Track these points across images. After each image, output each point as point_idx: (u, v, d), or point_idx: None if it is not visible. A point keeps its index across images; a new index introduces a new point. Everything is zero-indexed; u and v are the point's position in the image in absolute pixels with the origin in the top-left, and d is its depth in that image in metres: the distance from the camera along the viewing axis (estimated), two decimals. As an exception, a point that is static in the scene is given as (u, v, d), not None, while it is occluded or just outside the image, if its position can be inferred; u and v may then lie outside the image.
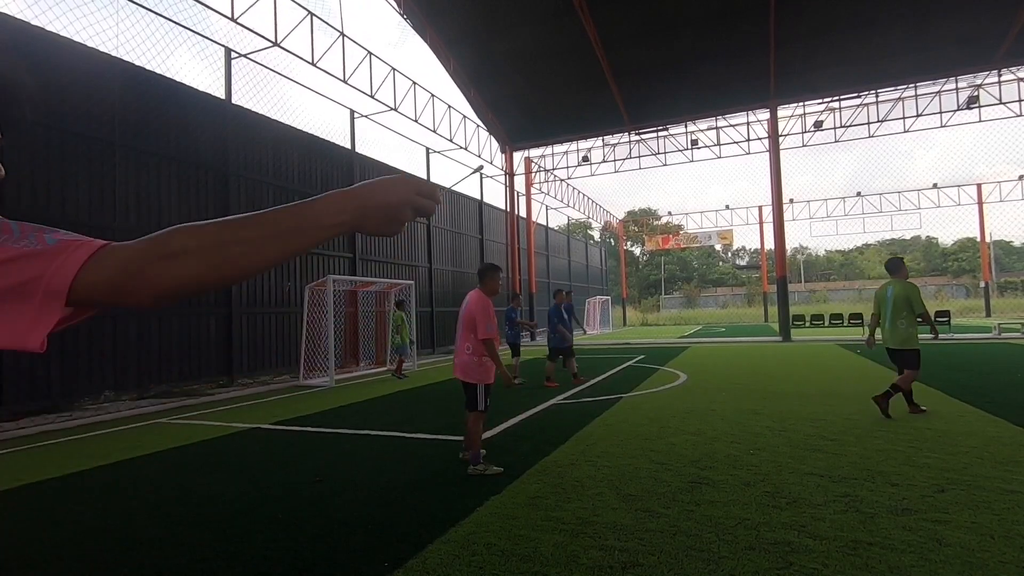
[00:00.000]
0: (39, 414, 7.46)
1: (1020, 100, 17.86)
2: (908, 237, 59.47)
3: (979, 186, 30.30)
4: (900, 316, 5.88)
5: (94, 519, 3.58)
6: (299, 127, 12.74)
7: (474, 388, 4.53)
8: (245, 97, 11.32)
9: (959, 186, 30.48)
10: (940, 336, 6.87)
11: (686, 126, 21.34)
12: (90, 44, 8.53)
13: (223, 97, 10.81)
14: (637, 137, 22.43)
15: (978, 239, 32.81)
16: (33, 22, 7.89)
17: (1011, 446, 4.59)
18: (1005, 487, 3.60)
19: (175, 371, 9.54)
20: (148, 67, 9.38)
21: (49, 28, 8.03)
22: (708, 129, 21.25)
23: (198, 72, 19.73)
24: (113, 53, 8.86)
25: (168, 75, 9.77)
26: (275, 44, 11.35)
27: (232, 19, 10.47)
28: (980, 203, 30.31)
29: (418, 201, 0.76)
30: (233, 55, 10.99)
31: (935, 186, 30.57)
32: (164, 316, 9.38)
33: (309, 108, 38.35)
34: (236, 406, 8.34)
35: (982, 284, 30.99)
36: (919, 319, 5.89)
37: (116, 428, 6.88)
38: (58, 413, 7.66)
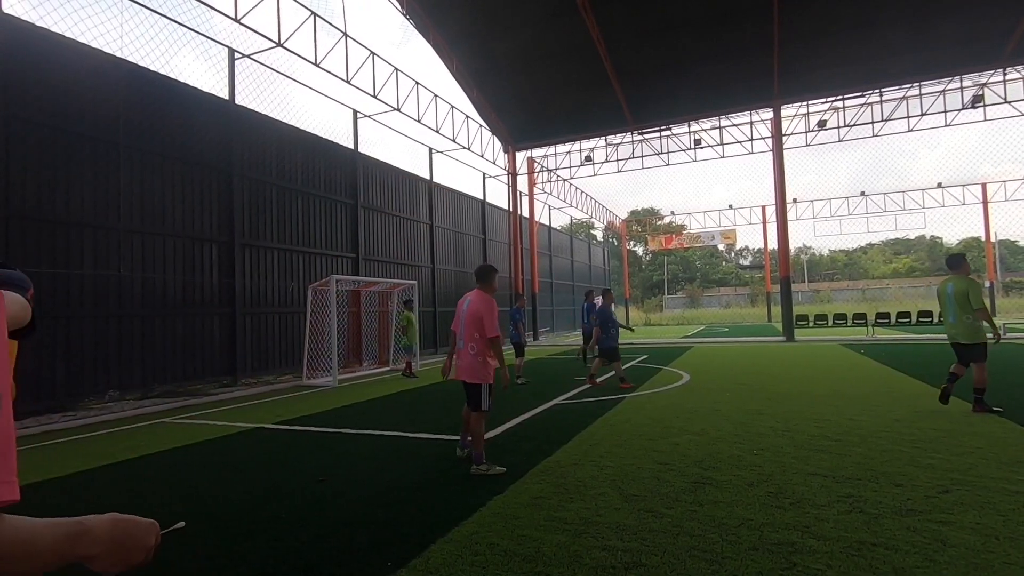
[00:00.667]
0: (44, 414, 7.49)
1: (1025, 99, 17.75)
2: (912, 237, 59.20)
3: (984, 185, 30.13)
4: (964, 311, 5.95)
5: (98, 518, 3.58)
6: (302, 127, 12.77)
7: (478, 388, 4.53)
8: (248, 97, 11.37)
9: (964, 185, 30.31)
10: (944, 336, 6.92)
11: (689, 126, 21.30)
12: (94, 45, 8.58)
13: (227, 97, 10.84)
14: (640, 137, 22.39)
15: (983, 239, 32.63)
16: (38, 23, 7.93)
17: (1016, 447, 4.57)
18: (1010, 488, 3.59)
19: (179, 371, 9.57)
20: (152, 68, 9.42)
21: (54, 29, 8.07)
22: (711, 129, 21.20)
23: (202, 73, 19.80)
24: (117, 54, 8.90)
25: (172, 76, 9.81)
26: (278, 44, 11.37)
27: (235, 20, 10.50)
28: (985, 202, 30.13)
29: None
30: (236, 55, 11.02)
31: (940, 185, 30.41)
32: (168, 316, 9.41)
33: (312, 108, 38.46)
34: (240, 406, 8.37)
35: (987, 284, 30.81)
36: (975, 313, 5.91)
37: (120, 428, 6.91)
38: (63, 413, 7.69)
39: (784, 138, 19.37)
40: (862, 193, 31.80)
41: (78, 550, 0.78)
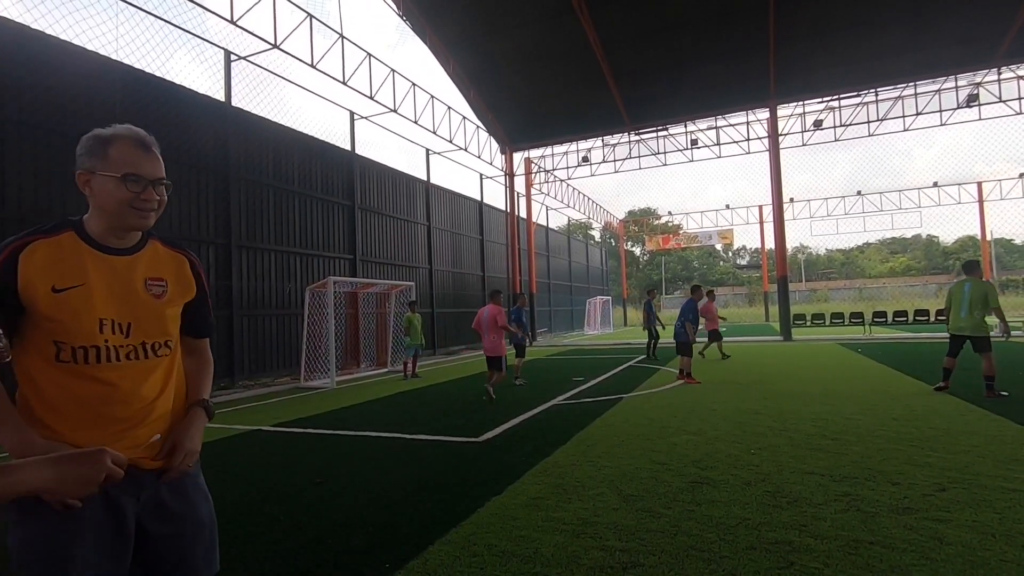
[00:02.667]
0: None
1: (1020, 98, 17.82)
2: (909, 236, 59.38)
3: (980, 184, 30.24)
4: (976, 308, 6.76)
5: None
6: (299, 129, 12.76)
7: (499, 358, 7.97)
8: (245, 99, 11.35)
9: (960, 184, 30.41)
10: (941, 335, 7.46)
11: (686, 126, 21.33)
12: (90, 47, 8.56)
13: (223, 99, 10.82)
14: (637, 137, 22.43)
15: (979, 237, 32.76)
16: (33, 26, 7.91)
17: (1012, 445, 4.58)
18: (1007, 486, 3.60)
19: (176, 373, 9.53)
20: (148, 70, 9.40)
21: (49, 32, 8.05)
22: (708, 129, 21.23)
23: (198, 75, 19.79)
24: (113, 56, 8.88)
25: (168, 78, 9.79)
26: (274, 46, 11.36)
27: (231, 21, 10.48)
28: (981, 201, 30.24)
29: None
30: (233, 57, 11.00)
31: (936, 184, 30.51)
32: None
33: (309, 110, 38.45)
34: (237, 408, 8.35)
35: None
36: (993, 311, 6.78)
37: (117, 431, 6.87)
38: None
39: (780, 138, 19.42)
40: (858, 192, 31.91)
41: (15, 488, 0.86)
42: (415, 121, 16.49)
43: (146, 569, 1.35)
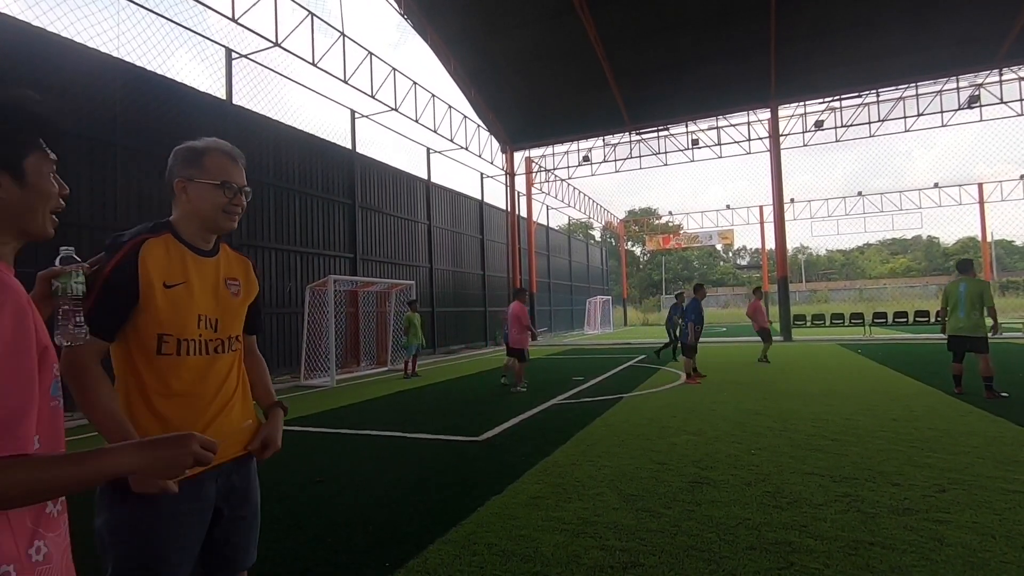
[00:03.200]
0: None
1: (1021, 99, 17.81)
2: (909, 236, 59.28)
3: (980, 185, 30.21)
4: (974, 308, 6.68)
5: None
6: (300, 127, 12.75)
7: (521, 350, 8.80)
8: (246, 98, 11.34)
9: (960, 185, 30.38)
10: (941, 336, 7.58)
11: (687, 126, 21.32)
12: (91, 45, 8.54)
13: (224, 97, 10.81)
14: (638, 137, 22.41)
15: (979, 239, 32.75)
16: (34, 23, 7.90)
17: (1012, 446, 4.58)
18: (1007, 487, 3.60)
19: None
20: (149, 68, 9.39)
21: (50, 29, 8.04)
22: (709, 129, 21.22)
23: (198, 73, 19.78)
24: (114, 54, 8.87)
25: (169, 76, 9.78)
26: (276, 44, 11.35)
27: (233, 19, 10.48)
28: (981, 202, 30.21)
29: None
30: (234, 55, 10.99)
31: (936, 185, 30.49)
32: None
33: (310, 108, 38.45)
34: (237, 406, 8.34)
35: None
36: (987, 309, 6.73)
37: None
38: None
39: (781, 138, 19.41)
40: (859, 193, 31.89)
41: (107, 471, 0.89)
42: (416, 120, 16.49)
43: (211, 549, 1.48)
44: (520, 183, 24.07)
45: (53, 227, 1.03)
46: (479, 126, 20.91)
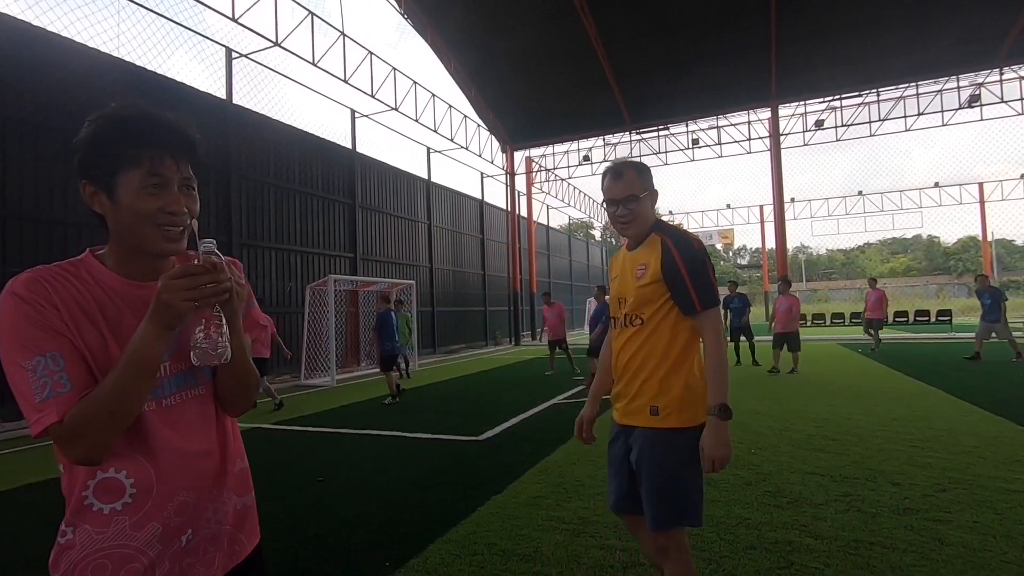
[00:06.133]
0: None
1: (1022, 99, 17.78)
2: (910, 236, 59.22)
3: (981, 185, 30.16)
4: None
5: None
6: (300, 127, 12.74)
7: (563, 340, 10.84)
8: (246, 97, 11.34)
9: (961, 185, 30.32)
10: (941, 335, 7.41)
11: (687, 125, 21.30)
12: (91, 44, 8.54)
13: (224, 97, 10.81)
14: (638, 136, 22.39)
15: (980, 238, 32.71)
16: (34, 23, 7.90)
17: (1013, 446, 4.58)
18: (1007, 487, 3.60)
19: (176, 371, 9.53)
20: (149, 67, 9.39)
21: (50, 28, 8.04)
22: (709, 128, 21.20)
23: (198, 73, 19.76)
24: (114, 53, 8.87)
25: (169, 75, 9.77)
26: (276, 44, 11.34)
27: (233, 19, 10.47)
28: (982, 202, 30.16)
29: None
30: (234, 55, 10.99)
31: (937, 185, 30.46)
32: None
33: (310, 108, 38.45)
34: (237, 406, 8.34)
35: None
36: None
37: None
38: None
39: (782, 138, 19.39)
40: (859, 192, 31.85)
41: (139, 353, 0.90)
42: (416, 120, 16.48)
43: None
44: (520, 182, 24.06)
45: (170, 241, 1.00)
46: (479, 126, 20.91)
